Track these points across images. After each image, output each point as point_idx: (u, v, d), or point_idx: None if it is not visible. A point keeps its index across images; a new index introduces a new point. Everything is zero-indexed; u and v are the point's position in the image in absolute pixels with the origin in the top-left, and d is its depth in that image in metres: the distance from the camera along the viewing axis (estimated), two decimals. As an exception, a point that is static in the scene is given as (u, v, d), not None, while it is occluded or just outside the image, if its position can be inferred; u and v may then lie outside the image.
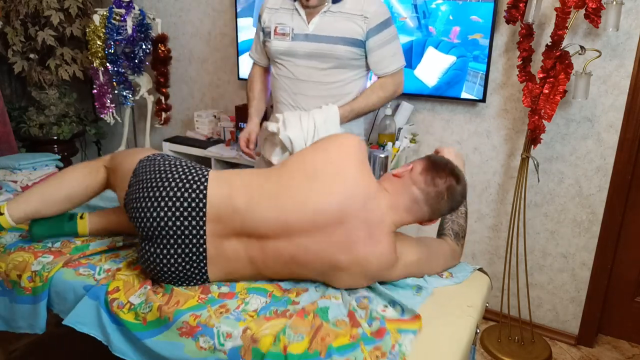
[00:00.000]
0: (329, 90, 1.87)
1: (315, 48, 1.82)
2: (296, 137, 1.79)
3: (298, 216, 1.31)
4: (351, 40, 1.81)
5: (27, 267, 1.50)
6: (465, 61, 2.21)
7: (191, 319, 1.27)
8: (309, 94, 1.88)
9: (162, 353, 1.27)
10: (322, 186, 1.33)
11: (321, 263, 1.34)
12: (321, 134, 1.78)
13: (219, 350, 1.21)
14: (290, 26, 1.85)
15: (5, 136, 2.72)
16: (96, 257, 1.55)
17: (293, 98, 1.90)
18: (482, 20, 2.11)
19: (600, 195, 2.21)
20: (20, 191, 2.14)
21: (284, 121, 1.81)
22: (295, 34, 1.84)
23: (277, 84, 1.94)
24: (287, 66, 1.88)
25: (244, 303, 1.35)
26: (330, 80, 1.86)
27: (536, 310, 2.47)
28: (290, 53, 1.86)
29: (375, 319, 1.28)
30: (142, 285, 1.42)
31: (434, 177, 1.36)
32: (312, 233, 1.31)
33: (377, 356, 1.15)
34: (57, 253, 1.55)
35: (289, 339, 1.19)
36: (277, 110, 1.98)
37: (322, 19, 1.82)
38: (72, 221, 1.62)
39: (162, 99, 3.09)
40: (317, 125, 1.80)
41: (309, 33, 1.83)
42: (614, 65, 2.05)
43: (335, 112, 1.84)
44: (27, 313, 1.51)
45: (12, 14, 2.83)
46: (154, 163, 1.43)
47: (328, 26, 1.81)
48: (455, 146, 2.45)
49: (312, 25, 1.82)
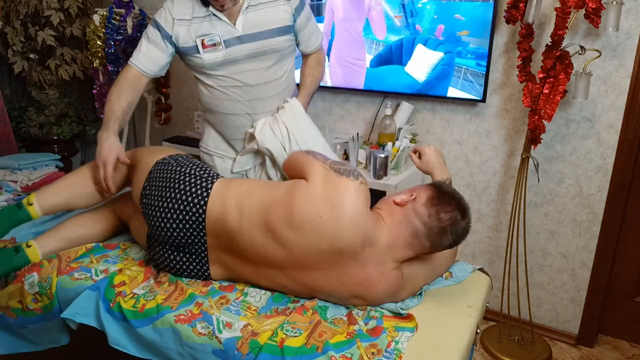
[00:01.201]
0: (280, 86, 1.81)
1: (253, 48, 1.71)
2: (274, 147, 1.76)
3: (282, 255, 1.30)
4: (284, 29, 1.73)
5: (23, 291, 1.50)
6: (452, 57, 2.25)
7: (195, 308, 1.30)
8: (264, 96, 1.78)
9: (157, 342, 1.28)
10: (313, 230, 1.25)
11: (317, 293, 1.35)
12: (295, 133, 1.77)
13: (217, 337, 1.22)
14: (217, 34, 1.69)
15: (5, 136, 2.72)
16: (85, 259, 1.55)
17: (249, 106, 1.78)
18: (464, 18, 2.17)
19: (600, 195, 2.21)
20: (20, 191, 2.14)
21: (258, 134, 1.77)
22: (226, 40, 1.69)
23: (223, 96, 1.77)
24: (232, 75, 1.74)
25: (243, 295, 1.37)
26: (278, 75, 1.79)
27: (536, 310, 2.47)
28: (229, 61, 1.72)
29: (372, 318, 1.29)
30: (146, 278, 1.46)
31: (438, 211, 1.27)
32: (305, 271, 1.31)
33: (373, 353, 1.16)
34: (37, 268, 1.52)
35: (286, 334, 1.20)
36: (225, 124, 1.83)
37: (246, 16, 1.69)
38: (20, 254, 1.55)
39: (162, 98, 3.09)
40: (288, 127, 1.77)
41: (240, 35, 1.69)
42: (614, 65, 2.05)
43: (299, 107, 1.82)
44: (46, 330, 1.53)
45: (12, 14, 2.83)
46: (167, 168, 1.48)
47: (256, 22, 1.70)
48: (455, 146, 2.46)
49: (240, 26, 1.69)
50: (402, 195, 1.33)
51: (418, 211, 1.28)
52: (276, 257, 1.30)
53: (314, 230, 1.23)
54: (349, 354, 1.15)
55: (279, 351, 1.15)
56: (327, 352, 1.14)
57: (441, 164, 1.58)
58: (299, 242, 1.26)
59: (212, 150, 1.91)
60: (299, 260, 1.29)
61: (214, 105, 1.81)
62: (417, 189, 1.34)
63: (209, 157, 1.92)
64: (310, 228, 1.24)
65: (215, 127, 1.89)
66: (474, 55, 2.21)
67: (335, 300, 1.35)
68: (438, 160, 1.58)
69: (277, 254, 1.30)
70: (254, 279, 1.41)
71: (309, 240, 1.25)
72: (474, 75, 2.24)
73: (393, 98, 2.51)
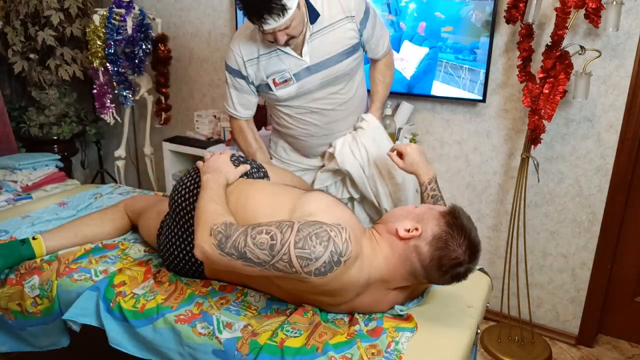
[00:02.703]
0: (354, 104, 1.81)
1: (323, 77, 1.69)
2: (354, 170, 1.79)
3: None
4: (351, 49, 1.70)
5: (22, 295, 1.50)
6: (436, 51, 2.31)
7: (195, 308, 1.30)
8: (340, 117, 1.80)
9: (157, 342, 1.28)
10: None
11: (311, 306, 1.32)
12: (374, 153, 1.78)
13: (217, 337, 1.22)
14: (287, 69, 1.67)
15: (5, 136, 2.72)
16: (84, 260, 1.55)
17: (326, 128, 1.80)
18: (444, 16, 2.24)
19: (600, 195, 2.21)
20: (20, 191, 2.14)
21: (338, 154, 1.80)
22: (296, 74, 1.67)
23: (300, 122, 1.80)
24: (307, 104, 1.74)
25: (243, 294, 1.37)
26: (351, 95, 1.79)
27: (536, 310, 2.47)
28: (303, 93, 1.72)
29: (373, 320, 1.29)
30: (146, 278, 1.46)
31: (442, 257, 1.15)
32: (300, 294, 1.28)
33: (373, 353, 1.15)
34: (37, 271, 1.53)
35: (286, 334, 1.20)
36: (301, 144, 1.88)
37: (312, 45, 1.65)
38: (26, 245, 1.59)
39: (162, 99, 3.09)
40: (367, 148, 1.79)
41: (309, 65, 1.67)
42: (614, 65, 2.05)
43: (376, 124, 1.82)
44: (46, 332, 1.53)
45: (12, 14, 2.83)
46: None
47: (323, 48, 1.66)
48: (455, 146, 2.46)
49: (307, 56, 1.65)
50: (406, 224, 1.20)
51: (420, 251, 1.17)
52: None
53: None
54: (349, 355, 1.15)
55: (279, 352, 1.15)
56: (327, 352, 1.14)
57: (425, 162, 1.56)
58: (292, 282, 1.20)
59: (285, 159, 1.96)
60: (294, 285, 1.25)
61: (290, 128, 1.83)
62: (426, 218, 1.20)
63: (283, 164, 1.96)
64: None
65: (290, 143, 1.92)
66: (452, 50, 2.28)
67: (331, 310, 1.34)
68: (421, 159, 1.55)
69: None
70: (247, 281, 1.40)
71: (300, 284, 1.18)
72: (454, 68, 2.29)
73: (393, 98, 2.51)
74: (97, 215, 1.75)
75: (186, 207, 1.41)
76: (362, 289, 1.22)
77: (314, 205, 1.24)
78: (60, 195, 2.12)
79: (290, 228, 1.12)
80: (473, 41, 2.21)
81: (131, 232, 1.78)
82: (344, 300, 1.25)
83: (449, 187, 2.53)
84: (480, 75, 2.24)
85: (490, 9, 2.14)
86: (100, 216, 1.74)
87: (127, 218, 1.76)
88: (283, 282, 1.24)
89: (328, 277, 1.10)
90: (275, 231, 1.11)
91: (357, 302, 1.27)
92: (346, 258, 1.11)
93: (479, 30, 2.19)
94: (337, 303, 1.26)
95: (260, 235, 1.11)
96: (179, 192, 1.44)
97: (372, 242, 1.24)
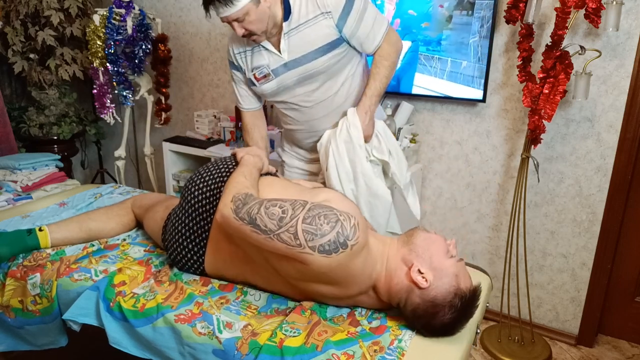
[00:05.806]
0: (335, 102, 1.78)
1: (299, 73, 1.70)
2: (331, 167, 1.75)
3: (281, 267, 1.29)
4: (329, 45, 1.66)
5: (25, 291, 1.51)
6: (417, 45, 2.38)
7: (195, 308, 1.30)
8: (318, 116, 1.80)
9: (157, 342, 1.28)
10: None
11: (313, 299, 1.34)
12: (348, 153, 1.73)
13: (217, 337, 1.22)
14: (266, 65, 1.72)
15: (5, 136, 2.72)
16: (85, 260, 1.55)
17: (306, 125, 1.84)
18: (416, 14, 2.33)
19: (600, 195, 2.21)
20: (20, 191, 2.14)
21: (322, 151, 1.79)
22: (274, 70, 1.71)
23: (286, 117, 1.88)
24: (288, 100, 1.78)
25: (243, 294, 1.38)
26: (330, 94, 1.76)
27: (536, 310, 2.47)
28: (282, 89, 1.75)
29: (376, 318, 1.29)
30: (146, 278, 1.46)
31: (436, 313, 1.17)
32: (305, 282, 1.28)
33: (376, 350, 1.16)
34: (40, 269, 1.53)
35: (285, 334, 1.20)
36: (291, 136, 1.95)
37: (288, 41, 1.67)
38: (32, 235, 1.62)
39: (162, 99, 3.09)
40: (340, 149, 1.74)
41: (286, 61, 1.69)
42: (614, 65, 2.05)
43: (353, 120, 1.72)
44: (45, 331, 1.54)
45: (12, 14, 2.83)
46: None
47: (299, 44, 1.66)
48: (455, 146, 2.46)
49: (285, 52, 1.68)
50: (423, 266, 1.18)
51: (412, 298, 1.19)
52: (274, 265, 1.29)
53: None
54: (351, 352, 1.15)
55: (279, 352, 1.15)
56: (328, 349, 1.14)
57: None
58: (296, 270, 1.22)
59: (287, 150, 2.04)
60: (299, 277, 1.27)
61: (282, 121, 1.94)
62: (443, 277, 1.16)
63: (285, 154, 2.05)
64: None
65: (285, 134, 2.03)
66: (423, 42, 2.35)
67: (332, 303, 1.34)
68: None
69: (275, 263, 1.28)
70: (249, 278, 1.40)
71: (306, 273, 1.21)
72: (427, 58, 2.37)
73: (393, 98, 2.51)
74: (103, 211, 1.77)
75: (198, 195, 1.44)
76: (366, 288, 1.25)
77: (328, 195, 1.34)
78: (60, 196, 2.12)
79: (302, 207, 1.18)
80: (439, 34, 2.32)
81: (135, 230, 1.78)
82: (347, 294, 1.25)
83: (449, 187, 2.53)
84: (447, 64, 2.33)
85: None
86: (106, 211, 1.76)
87: (133, 215, 1.77)
88: (285, 265, 1.23)
89: (333, 258, 1.12)
90: (287, 207, 1.19)
91: (359, 300, 1.29)
92: (353, 242, 1.13)
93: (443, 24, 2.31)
94: (340, 296, 1.26)
95: (273, 208, 1.19)
96: (194, 181, 1.48)
97: (385, 247, 1.26)
